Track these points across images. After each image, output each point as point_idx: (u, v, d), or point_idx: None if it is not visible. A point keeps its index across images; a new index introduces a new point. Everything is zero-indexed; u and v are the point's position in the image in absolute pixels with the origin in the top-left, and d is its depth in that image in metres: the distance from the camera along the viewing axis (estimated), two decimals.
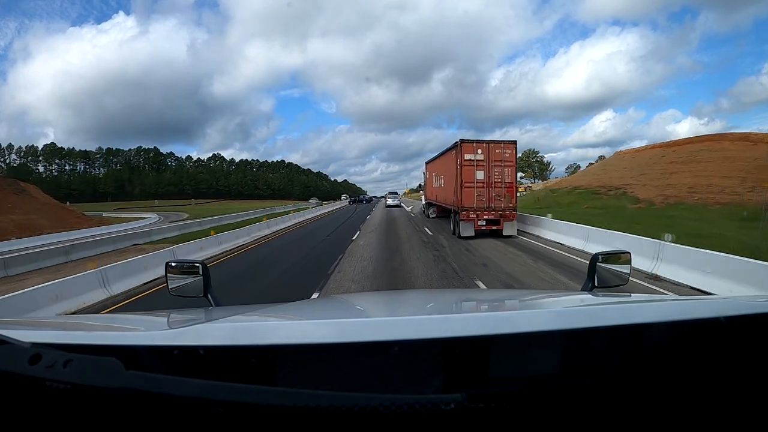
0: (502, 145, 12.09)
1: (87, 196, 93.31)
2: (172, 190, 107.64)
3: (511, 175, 12.08)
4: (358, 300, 1.89)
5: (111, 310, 6.24)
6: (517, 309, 1.20)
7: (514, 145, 12.22)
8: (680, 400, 0.55)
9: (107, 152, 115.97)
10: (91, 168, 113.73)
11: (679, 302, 0.92)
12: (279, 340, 0.61)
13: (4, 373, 0.46)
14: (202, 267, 1.37)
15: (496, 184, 11.90)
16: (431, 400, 0.47)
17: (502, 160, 11.94)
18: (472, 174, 11.84)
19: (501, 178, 11.98)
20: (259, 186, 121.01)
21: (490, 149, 11.94)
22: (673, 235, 7.87)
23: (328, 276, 7.51)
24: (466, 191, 11.78)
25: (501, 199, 11.95)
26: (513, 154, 12.13)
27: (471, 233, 11.85)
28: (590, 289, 1.36)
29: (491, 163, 11.88)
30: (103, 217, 36.07)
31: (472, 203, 11.80)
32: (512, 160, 12.08)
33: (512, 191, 12.11)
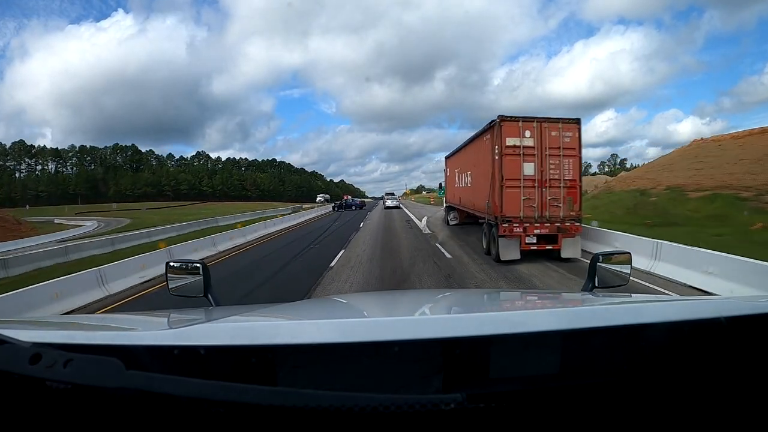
0: (561, 125, 8.66)
1: (56, 198, 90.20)
2: (150, 192, 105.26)
3: (573, 170, 8.79)
4: (358, 300, 1.96)
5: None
6: (518, 309, 1.24)
7: (576, 125, 8.81)
8: (680, 400, 0.58)
9: (80, 150, 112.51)
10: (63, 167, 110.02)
11: (679, 302, 0.95)
12: (279, 340, 0.64)
13: (5, 372, 0.49)
14: (202, 267, 1.43)
15: (553, 183, 8.61)
16: (431, 400, 0.50)
17: (560, 146, 8.58)
18: (516, 167, 8.43)
19: (559, 173, 8.68)
20: (247, 186, 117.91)
21: (543, 131, 8.53)
22: None
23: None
24: (508, 193, 8.36)
25: (559, 205, 8.57)
26: (576, 137, 8.73)
27: (515, 255, 8.50)
28: (590, 289, 1.41)
29: (545, 151, 8.47)
30: (39, 226, 33.47)
31: (518, 211, 8.38)
32: (575, 146, 8.71)
33: (575, 193, 8.73)
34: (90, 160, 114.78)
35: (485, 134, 9.59)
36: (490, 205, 9.14)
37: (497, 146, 8.62)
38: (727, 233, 11.73)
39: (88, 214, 49.19)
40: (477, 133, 10.53)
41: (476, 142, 10.76)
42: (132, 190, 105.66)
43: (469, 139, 11.80)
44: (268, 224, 19.43)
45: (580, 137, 8.88)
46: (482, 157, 9.90)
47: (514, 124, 8.59)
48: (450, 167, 16.74)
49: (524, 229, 8.55)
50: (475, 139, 10.82)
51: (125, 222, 36.09)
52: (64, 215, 47.82)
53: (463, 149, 13.12)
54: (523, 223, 8.52)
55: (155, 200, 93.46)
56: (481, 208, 10.31)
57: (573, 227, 8.68)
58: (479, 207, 10.54)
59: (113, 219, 41.13)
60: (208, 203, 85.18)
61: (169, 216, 39.41)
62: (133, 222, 34.27)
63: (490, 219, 9.26)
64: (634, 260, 1.39)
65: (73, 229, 31.83)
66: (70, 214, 51.00)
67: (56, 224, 37.34)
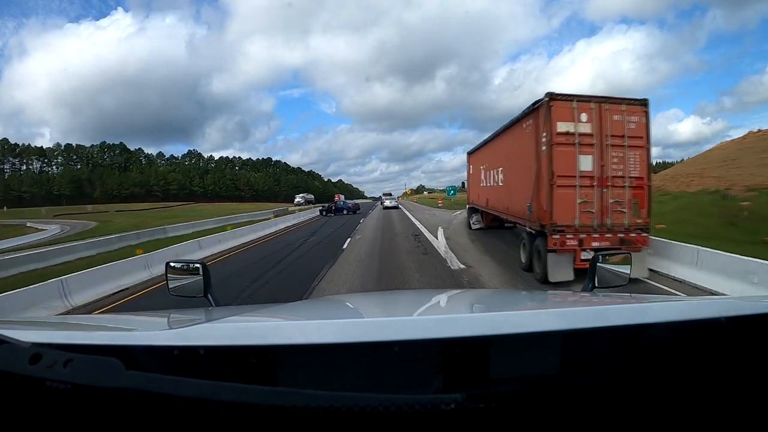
0: (624, 107, 6.92)
1: (40, 198, 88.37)
2: (138, 192, 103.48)
3: (640, 164, 7.10)
4: (358, 300, 1.95)
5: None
6: (518, 309, 1.26)
7: (643, 108, 7.12)
8: (681, 401, 0.59)
9: (66, 149, 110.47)
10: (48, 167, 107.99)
11: (680, 303, 0.96)
12: (279, 341, 0.65)
13: (5, 373, 0.50)
14: (202, 267, 1.46)
15: (616, 182, 7.03)
16: (431, 400, 0.51)
17: (624, 134, 6.82)
18: (570, 161, 6.71)
19: (623, 168, 7.11)
20: (240, 186, 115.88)
21: (602, 114, 6.80)
22: None
23: None
24: (560, 195, 6.63)
25: (624, 211, 7.03)
26: (643, 123, 7.02)
27: (568, 276, 6.85)
28: (590, 289, 1.45)
29: (605, 140, 6.72)
30: (2, 230, 31.44)
31: (572, 218, 6.67)
32: (642, 135, 7.01)
33: (643, 195, 7.17)
34: (77, 160, 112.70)
35: (525, 119, 7.82)
36: (533, 209, 7.37)
37: (545, 133, 6.88)
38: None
39: (66, 217, 47.25)
40: (513, 120, 8.69)
41: (511, 132, 8.97)
42: (119, 190, 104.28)
43: (501, 128, 9.97)
44: (226, 236, 14.64)
45: (648, 123, 7.14)
46: (520, 148, 8.15)
47: (567, 104, 6.84)
48: (473, 164, 14.82)
49: (580, 241, 6.79)
50: (511, 128, 9.01)
51: (83, 227, 33.11)
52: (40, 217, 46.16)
53: (491, 142, 11.33)
54: (578, 234, 6.78)
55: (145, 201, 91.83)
56: (518, 212, 8.53)
57: (640, 239, 6.97)
58: (516, 211, 8.75)
59: (83, 222, 38.97)
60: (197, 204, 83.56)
61: (140, 219, 36.36)
62: (89, 229, 30.78)
63: (532, 227, 7.48)
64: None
65: (34, 233, 30.08)
66: (47, 216, 49.29)
67: (27, 227, 35.56)
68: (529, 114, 7.52)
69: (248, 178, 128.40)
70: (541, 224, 7.06)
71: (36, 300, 6.61)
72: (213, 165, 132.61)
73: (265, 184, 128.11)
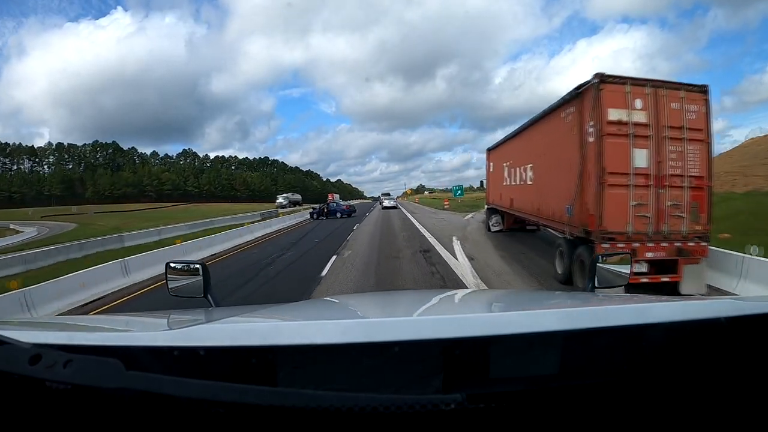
0: (683, 94, 5.94)
1: (30, 199, 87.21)
2: (131, 192, 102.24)
3: (700, 161, 6.20)
4: (358, 301, 1.96)
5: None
6: (518, 309, 1.26)
7: (703, 94, 6.18)
8: (680, 401, 0.60)
9: (58, 148, 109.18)
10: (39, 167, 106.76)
11: (679, 303, 0.95)
12: (279, 341, 0.65)
13: (5, 373, 0.51)
14: (202, 267, 1.47)
15: (673, 181, 6.09)
16: (431, 400, 0.52)
17: (683, 125, 5.82)
18: (623, 155, 5.77)
19: (682, 165, 6.12)
20: (237, 186, 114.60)
21: (659, 100, 5.80)
22: None
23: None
24: (612, 195, 5.70)
25: (682, 215, 6.11)
26: (703, 113, 6.04)
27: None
28: (590, 289, 1.47)
29: (662, 131, 5.74)
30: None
31: (625, 223, 5.74)
32: (701, 127, 6.03)
33: (702, 197, 6.19)
34: (68, 159, 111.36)
35: (565, 108, 6.87)
36: (575, 212, 6.40)
37: (592, 122, 5.92)
38: None
39: (53, 218, 46.58)
40: (548, 110, 7.75)
41: (545, 123, 8.02)
42: (111, 190, 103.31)
43: (531, 120, 9.07)
44: (187, 248, 11.66)
45: (709, 113, 6.18)
46: (557, 142, 7.21)
47: (619, 88, 5.89)
48: (494, 161, 13.84)
49: (633, 251, 5.77)
50: (543, 119, 8.08)
51: (60, 230, 31.97)
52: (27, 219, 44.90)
53: (517, 136, 10.43)
54: (631, 243, 5.79)
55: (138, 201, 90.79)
56: (552, 215, 7.59)
57: (698, 248, 5.98)
58: (549, 214, 7.80)
59: (66, 223, 37.96)
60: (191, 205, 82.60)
61: (123, 221, 34.62)
62: (53, 234, 28.85)
63: (574, 233, 6.48)
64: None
65: (12, 236, 29.50)
66: (34, 217, 48.83)
67: (8, 230, 34.83)
68: (571, 101, 6.57)
69: (244, 177, 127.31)
70: (585, 230, 6.11)
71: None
72: (209, 164, 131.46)
73: (261, 183, 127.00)
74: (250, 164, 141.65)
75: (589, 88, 6.01)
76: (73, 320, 2.18)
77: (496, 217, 13.95)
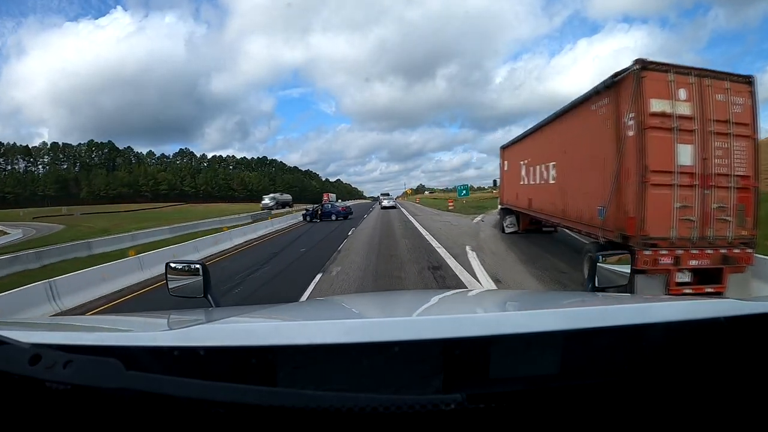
0: (728, 85, 5.41)
1: (24, 199, 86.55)
2: (126, 192, 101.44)
3: (747, 159, 5.64)
4: (358, 301, 1.95)
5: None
6: (518, 309, 1.27)
7: (748, 86, 5.73)
8: (681, 400, 0.60)
9: (53, 148, 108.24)
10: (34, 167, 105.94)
11: (680, 303, 0.96)
12: (279, 341, 0.65)
13: (4, 373, 0.51)
14: (202, 268, 1.47)
15: (719, 180, 5.55)
16: (431, 400, 0.52)
17: (729, 119, 5.52)
18: (667, 151, 5.27)
19: (728, 163, 5.56)
20: (234, 186, 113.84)
21: (703, 91, 5.25)
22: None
23: None
24: (654, 196, 5.12)
25: (728, 219, 5.58)
26: (749, 106, 5.54)
27: None
28: (590, 289, 1.45)
29: (707, 125, 5.19)
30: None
31: (668, 228, 5.18)
32: (748, 120, 5.63)
33: (749, 198, 5.65)
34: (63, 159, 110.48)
35: (597, 99, 6.34)
36: (609, 214, 5.86)
37: (632, 114, 5.39)
38: None
39: (45, 219, 46.10)
40: (575, 102, 7.21)
41: (571, 117, 7.49)
42: (106, 191, 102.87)
43: (553, 115, 8.50)
44: (143, 263, 9.33)
45: (756, 106, 5.64)
46: (587, 137, 6.69)
47: (662, 76, 5.35)
48: (509, 159, 13.25)
49: (676, 259, 5.27)
50: (571, 111, 7.52)
51: (49, 232, 31.34)
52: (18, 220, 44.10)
53: (537, 132, 9.91)
54: (674, 249, 5.25)
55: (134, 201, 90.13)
56: (579, 217, 7.04)
57: (744, 255, 5.45)
58: (575, 216, 7.25)
59: (54, 225, 37.40)
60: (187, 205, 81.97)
61: (113, 223, 33.82)
62: (28, 238, 27.18)
63: (608, 238, 5.93)
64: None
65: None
66: (26, 218, 48.91)
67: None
68: (604, 91, 6.03)
69: (242, 177, 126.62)
70: (622, 235, 5.56)
71: None
72: (206, 164, 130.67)
73: (259, 183, 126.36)
74: (248, 164, 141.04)
75: (627, 77, 5.42)
76: (73, 320, 2.15)
77: (510, 218, 13.33)
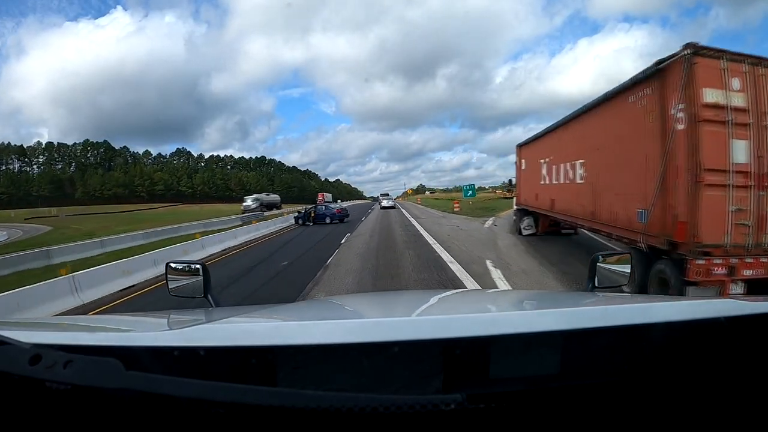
0: None
1: (17, 200, 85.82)
2: (122, 193, 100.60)
3: None
4: (358, 301, 1.96)
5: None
6: (518, 309, 1.27)
7: None
8: (681, 401, 0.60)
9: (48, 148, 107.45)
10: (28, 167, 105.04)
11: (680, 303, 0.96)
12: (279, 341, 0.66)
13: (4, 373, 0.51)
14: (202, 268, 1.48)
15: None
16: (431, 400, 0.52)
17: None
18: (721, 147, 4.69)
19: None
20: (232, 186, 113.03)
21: (758, 81, 4.70)
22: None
23: None
24: (709, 197, 4.48)
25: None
26: None
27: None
28: (590, 289, 1.44)
29: (762, 119, 4.73)
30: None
31: (722, 234, 4.62)
32: None
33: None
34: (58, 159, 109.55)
35: (637, 89, 5.79)
36: (651, 217, 5.30)
37: (682, 105, 4.85)
38: None
39: (37, 221, 45.19)
40: (611, 93, 6.63)
41: (605, 110, 6.95)
42: (101, 191, 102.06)
43: (582, 109, 7.96)
44: (80, 284, 7.58)
45: None
46: (625, 130, 6.17)
47: (714, 63, 4.82)
48: (527, 158, 12.74)
49: (730, 269, 4.71)
50: (604, 104, 6.99)
51: (36, 233, 30.36)
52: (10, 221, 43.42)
53: (561, 128, 9.44)
54: (729, 258, 4.70)
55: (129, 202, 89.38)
56: (612, 220, 6.51)
57: None
58: (609, 218, 6.72)
59: (43, 226, 36.53)
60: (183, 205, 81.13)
61: (100, 225, 32.52)
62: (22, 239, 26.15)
63: (651, 243, 5.38)
64: None
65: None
66: (17, 219, 48.35)
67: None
68: (645, 81, 5.48)
69: (240, 177, 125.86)
70: (670, 241, 5.01)
71: None
72: (203, 164, 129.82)
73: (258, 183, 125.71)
74: (246, 164, 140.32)
75: (675, 64, 4.89)
76: (73, 320, 2.20)
77: (528, 219, 12.77)
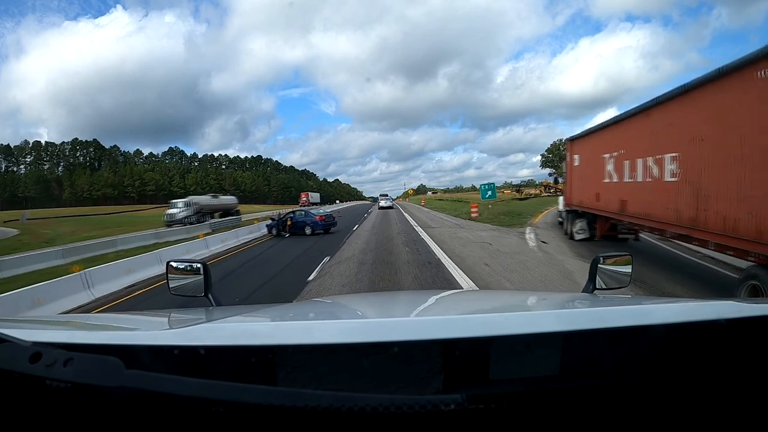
0: None
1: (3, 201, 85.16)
2: (111, 193, 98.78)
3: None
4: (358, 301, 2.00)
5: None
6: (518, 310, 1.28)
7: None
8: (681, 402, 0.61)
9: (35, 147, 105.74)
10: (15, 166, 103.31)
11: (680, 305, 0.97)
12: (279, 341, 0.66)
13: (5, 371, 0.52)
14: (203, 267, 1.49)
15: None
16: (431, 400, 0.53)
17: None
18: None
19: None
20: (226, 186, 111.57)
21: None
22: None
23: None
24: None
25: None
26: None
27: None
28: (591, 290, 1.46)
29: None
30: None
31: None
32: None
33: None
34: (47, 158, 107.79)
35: (763, 63, 4.01)
36: None
37: None
38: None
39: (10, 224, 42.49)
40: (722, 70, 5.17)
41: (711, 92, 5.55)
42: (90, 191, 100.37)
43: (676, 91, 6.48)
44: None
45: None
46: (745, 117, 4.81)
47: None
48: (583, 153, 11.41)
49: None
50: (708, 85, 5.60)
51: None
52: None
53: (638, 115, 7.96)
54: None
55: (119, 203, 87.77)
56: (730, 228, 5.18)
57: None
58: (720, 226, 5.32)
59: (8, 229, 33.83)
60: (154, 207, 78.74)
61: (73, 228, 30.68)
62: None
63: None
64: None
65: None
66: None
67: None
68: None
69: (235, 177, 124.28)
70: None
71: None
72: (197, 163, 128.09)
73: (253, 183, 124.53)
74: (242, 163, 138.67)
75: None
76: (74, 318, 2.22)
77: (581, 222, 11.50)
